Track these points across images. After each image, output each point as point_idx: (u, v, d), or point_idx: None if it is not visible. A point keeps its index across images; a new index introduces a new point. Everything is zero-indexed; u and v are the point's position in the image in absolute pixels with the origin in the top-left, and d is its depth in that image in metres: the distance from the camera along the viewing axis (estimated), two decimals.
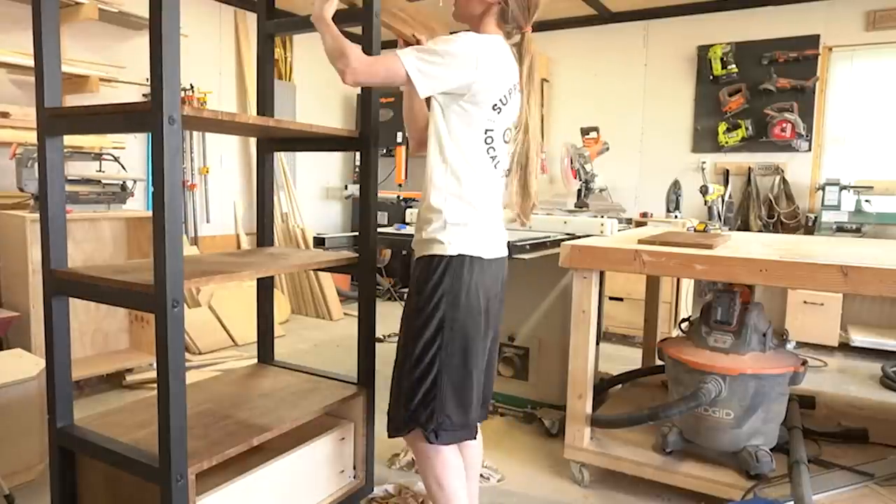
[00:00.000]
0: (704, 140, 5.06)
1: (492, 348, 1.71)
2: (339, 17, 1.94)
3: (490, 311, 1.62)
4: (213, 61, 4.90)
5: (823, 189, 4.34)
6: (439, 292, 1.53)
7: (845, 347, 4.12)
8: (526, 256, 2.40)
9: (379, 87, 1.69)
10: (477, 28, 1.62)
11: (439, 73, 1.49)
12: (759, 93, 4.80)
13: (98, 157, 3.35)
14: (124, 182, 3.30)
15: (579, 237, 2.60)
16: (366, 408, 2.01)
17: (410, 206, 5.39)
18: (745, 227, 4.82)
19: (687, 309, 4.41)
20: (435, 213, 1.57)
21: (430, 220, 1.57)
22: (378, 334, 4.07)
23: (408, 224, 3.18)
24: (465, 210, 1.56)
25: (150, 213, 3.22)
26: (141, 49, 4.27)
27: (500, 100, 1.56)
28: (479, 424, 1.75)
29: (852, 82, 4.62)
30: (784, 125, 4.67)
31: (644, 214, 4.90)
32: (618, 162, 5.26)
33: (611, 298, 4.29)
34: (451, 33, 1.56)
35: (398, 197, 5.68)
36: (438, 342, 1.54)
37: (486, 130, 1.57)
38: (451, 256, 1.54)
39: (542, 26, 5.66)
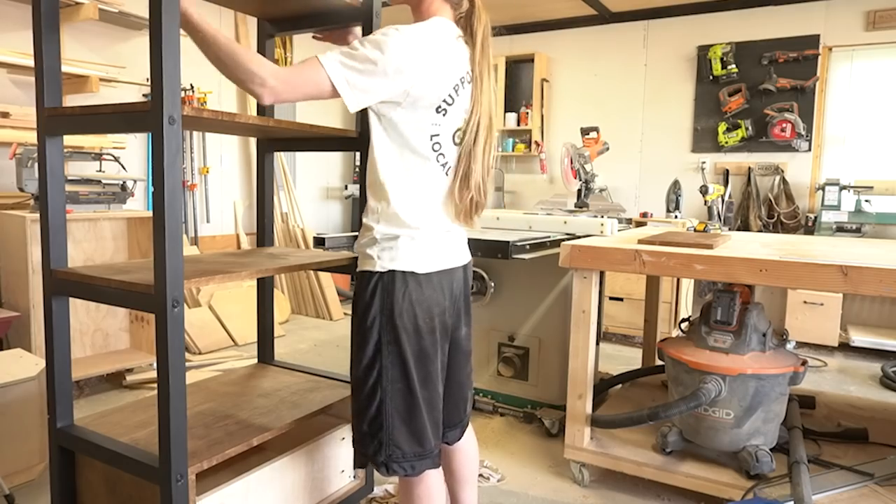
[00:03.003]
0: (704, 140, 5.06)
1: (459, 361, 1.57)
2: (339, 17, 1.94)
3: (440, 328, 1.45)
4: None
5: (823, 189, 4.34)
6: (372, 313, 1.40)
7: (845, 347, 4.12)
8: (526, 256, 2.40)
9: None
10: (418, 8, 1.45)
11: (370, 84, 1.29)
12: (759, 93, 4.80)
13: (98, 157, 3.35)
14: (124, 182, 3.30)
15: (579, 237, 2.60)
16: None
17: None
18: (745, 227, 4.82)
19: (687, 309, 4.41)
20: (367, 230, 1.44)
21: (363, 234, 1.46)
22: None
23: None
24: (398, 227, 1.41)
25: (150, 213, 3.22)
26: (141, 49, 4.27)
27: (445, 100, 1.39)
28: (470, 428, 1.69)
29: (852, 82, 4.62)
30: (784, 125, 4.67)
31: (644, 214, 4.90)
32: (618, 162, 5.26)
33: (611, 298, 4.29)
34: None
35: None
36: (377, 367, 1.41)
37: (432, 136, 1.40)
38: (381, 273, 1.39)
39: (542, 26, 5.67)
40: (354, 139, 1.91)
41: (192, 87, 4.53)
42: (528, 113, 5.73)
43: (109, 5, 3.71)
